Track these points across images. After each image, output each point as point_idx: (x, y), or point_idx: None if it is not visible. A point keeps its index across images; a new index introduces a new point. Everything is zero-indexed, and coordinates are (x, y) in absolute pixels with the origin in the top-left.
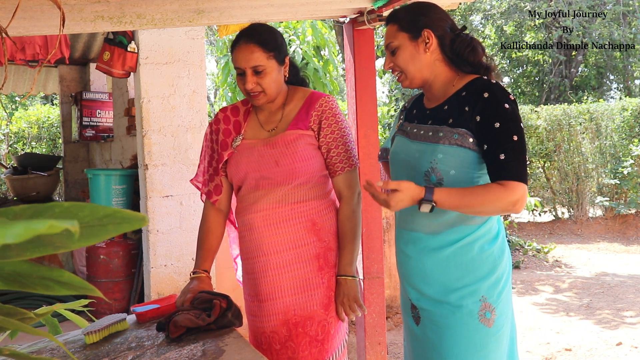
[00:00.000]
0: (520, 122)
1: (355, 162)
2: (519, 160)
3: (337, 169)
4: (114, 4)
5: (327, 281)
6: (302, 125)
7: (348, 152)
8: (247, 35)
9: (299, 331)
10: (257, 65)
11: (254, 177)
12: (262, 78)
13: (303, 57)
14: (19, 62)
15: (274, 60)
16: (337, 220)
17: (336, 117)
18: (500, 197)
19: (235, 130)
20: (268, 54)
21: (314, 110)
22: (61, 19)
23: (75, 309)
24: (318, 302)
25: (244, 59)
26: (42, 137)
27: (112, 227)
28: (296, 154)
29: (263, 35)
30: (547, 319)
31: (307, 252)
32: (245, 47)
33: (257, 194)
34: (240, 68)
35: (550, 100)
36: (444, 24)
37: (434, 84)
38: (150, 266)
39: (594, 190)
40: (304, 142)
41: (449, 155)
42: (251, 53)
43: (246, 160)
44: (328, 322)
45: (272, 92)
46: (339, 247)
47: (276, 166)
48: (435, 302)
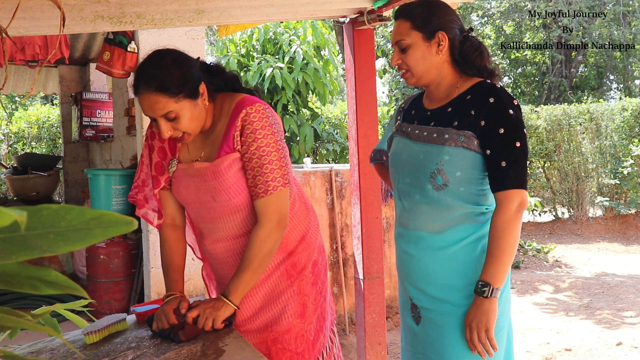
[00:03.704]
0: (523, 127)
1: (274, 186)
2: (520, 166)
3: (253, 193)
4: (114, 4)
5: (297, 288)
6: (227, 148)
7: (266, 174)
8: (145, 81)
9: (277, 348)
10: (167, 113)
11: (197, 208)
12: (177, 123)
13: (303, 57)
14: (18, 62)
15: (186, 100)
16: (302, 228)
17: (255, 134)
18: (510, 221)
19: (170, 150)
20: (176, 97)
21: (234, 130)
22: (61, 19)
23: (75, 309)
24: (293, 313)
25: (150, 109)
26: (42, 137)
27: (99, 231)
28: (230, 188)
29: (164, 78)
30: (547, 319)
31: (275, 270)
32: (146, 96)
33: (209, 226)
34: (149, 117)
35: (550, 100)
36: (455, 25)
37: (440, 85)
38: (150, 266)
39: (594, 190)
40: (235, 169)
41: (456, 157)
42: (155, 103)
43: (184, 190)
44: (306, 330)
45: (195, 130)
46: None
47: (214, 201)
48: (437, 301)
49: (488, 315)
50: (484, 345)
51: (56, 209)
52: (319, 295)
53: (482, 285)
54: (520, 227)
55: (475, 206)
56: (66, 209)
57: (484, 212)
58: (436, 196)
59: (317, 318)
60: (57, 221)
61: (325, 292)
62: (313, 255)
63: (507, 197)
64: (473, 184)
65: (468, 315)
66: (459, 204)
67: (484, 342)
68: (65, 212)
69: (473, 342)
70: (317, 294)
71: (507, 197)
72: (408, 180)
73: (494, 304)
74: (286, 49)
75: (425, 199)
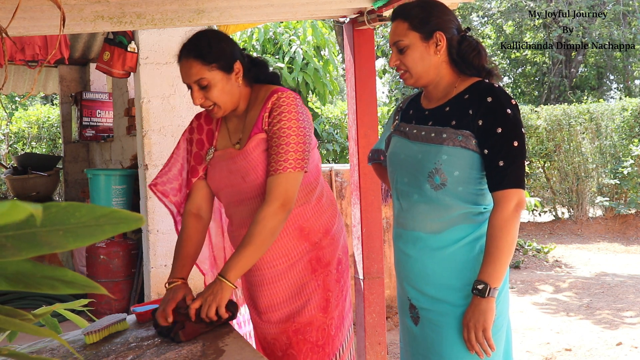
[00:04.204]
0: (521, 127)
1: (285, 166)
2: (518, 166)
3: (270, 169)
4: (114, 4)
5: (322, 282)
6: (257, 129)
7: (289, 153)
8: (186, 49)
9: (299, 338)
10: (199, 80)
11: (229, 192)
12: (208, 92)
13: (303, 57)
14: (18, 62)
15: (218, 71)
16: (326, 220)
17: (282, 115)
18: (508, 220)
19: (208, 141)
20: (210, 66)
21: (264, 112)
22: (61, 19)
23: (75, 309)
24: (315, 306)
25: (186, 75)
26: (42, 137)
27: (109, 228)
28: (258, 167)
29: (201, 47)
30: (547, 319)
31: (300, 259)
32: (185, 62)
33: (239, 209)
34: (186, 83)
35: (550, 100)
36: (452, 25)
37: (438, 85)
38: (150, 266)
39: (594, 190)
40: (261, 149)
41: (454, 156)
42: (190, 68)
43: (218, 175)
44: (328, 324)
45: (225, 103)
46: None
47: (244, 182)
48: (435, 301)
49: (486, 315)
50: (482, 345)
51: (65, 206)
52: (341, 293)
53: (480, 285)
54: (518, 227)
55: (474, 206)
56: (75, 206)
57: (482, 212)
58: (434, 196)
59: (339, 315)
60: (66, 218)
61: (346, 292)
62: (337, 252)
63: (505, 196)
64: (471, 184)
65: (466, 315)
66: (457, 204)
67: (481, 342)
68: (74, 209)
69: (471, 342)
70: (339, 291)
71: (505, 197)
72: (406, 180)
73: (492, 304)
74: (286, 49)
75: (424, 199)
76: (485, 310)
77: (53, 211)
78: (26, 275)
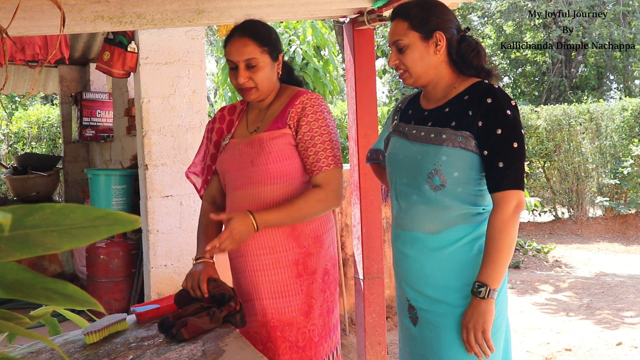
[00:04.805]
0: (521, 127)
1: (337, 161)
2: (517, 167)
3: (314, 168)
4: (114, 4)
5: (305, 288)
6: (281, 124)
7: (328, 150)
8: (242, 28)
9: (277, 335)
10: (250, 59)
11: (234, 176)
12: (254, 73)
13: (303, 57)
14: (18, 62)
15: (268, 56)
16: (318, 226)
17: (317, 115)
18: (507, 221)
19: (227, 130)
20: (262, 49)
21: (292, 107)
22: (61, 19)
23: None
24: (297, 309)
25: (237, 52)
26: (42, 137)
27: (105, 229)
28: (271, 154)
29: (258, 30)
30: (547, 319)
31: (285, 258)
32: (239, 40)
33: (237, 194)
34: (233, 61)
35: (550, 100)
36: (452, 25)
37: (437, 86)
38: (150, 266)
39: (594, 190)
40: (281, 141)
41: (453, 157)
42: (244, 46)
43: (229, 158)
44: (310, 329)
45: (265, 88)
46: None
47: (252, 165)
48: (434, 301)
49: (485, 316)
50: (481, 346)
51: (59, 207)
52: (325, 303)
53: (479, 286)
54: (517, 228)
55: (473, 207)
56: (70, 207)
57: (481, 213)
58: (433, 196)
59: (323, 324)
60: (61, 219)
61: (333, 306)
62: (325, 262)
63: (505, 197)
64: (470, 185)
65: (465, 316)
66: (456, 205)
67: (480, 343)
68: (69, 210)
69: (470, 343)
70: (324, 300)
71: (504, 198)
72: (405, 180)
73: (491, 305)
74: (286, 48)
75: (423, 200)
76: (485, 312)
77: (47, 212)
78: (25, 285)
